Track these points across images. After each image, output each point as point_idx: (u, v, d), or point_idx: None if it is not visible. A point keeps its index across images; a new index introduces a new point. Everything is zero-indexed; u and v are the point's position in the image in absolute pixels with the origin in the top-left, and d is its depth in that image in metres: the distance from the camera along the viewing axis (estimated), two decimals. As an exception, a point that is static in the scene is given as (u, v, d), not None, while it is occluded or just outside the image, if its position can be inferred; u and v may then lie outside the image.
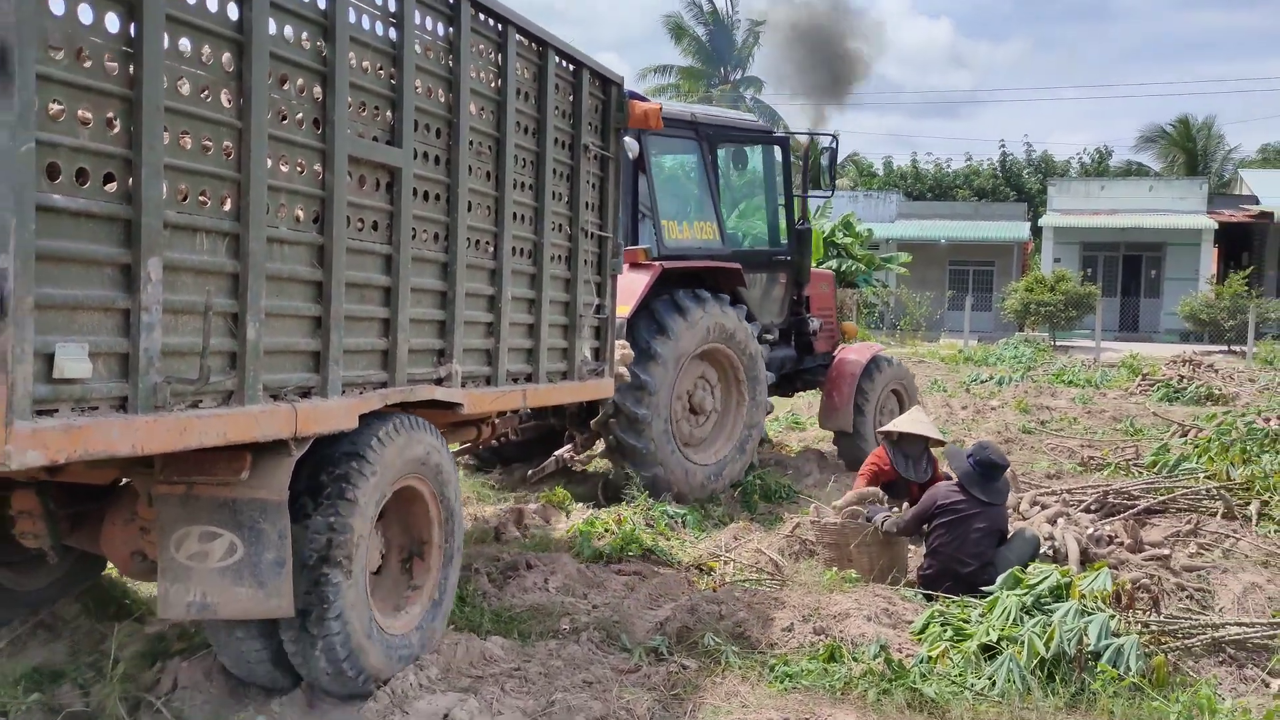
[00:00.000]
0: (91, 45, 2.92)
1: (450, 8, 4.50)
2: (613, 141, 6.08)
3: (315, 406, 3.79)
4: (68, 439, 2.87)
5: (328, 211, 3.83)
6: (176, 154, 3.20)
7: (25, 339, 2.73)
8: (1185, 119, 42.86)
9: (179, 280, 3.23)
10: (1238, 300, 27.40)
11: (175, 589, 3.70)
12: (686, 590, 5.72)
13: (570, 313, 5.74)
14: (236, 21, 3.36)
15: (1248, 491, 7.75)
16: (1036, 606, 4.80)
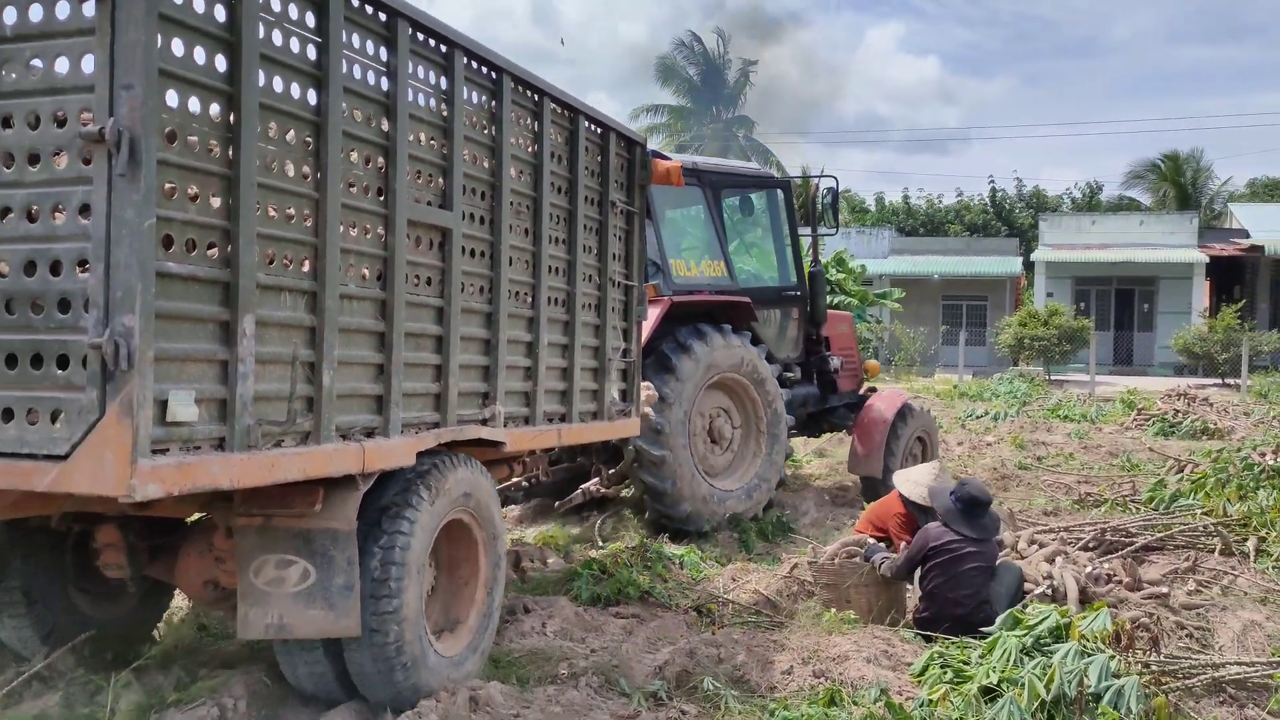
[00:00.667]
0: (199, 133, 3.38)
1: (493, 82, 4.99)
2: (637, 197, 6.56)
3: (379, 445, 4.23)
4: (179, 474, 3.29)
5: (389, 269, 4.28)
6: (266, 223, 3.64)
7: (146, 388, 3.15)
8: (1175, 154, 43.25)
9: (268, 334, 3.68)
10: (1230, 333, 27.54)
11: (254, 612, 4.08)
12: (685, 633, 5.71)
13: (600, 357, 6.19)
14: (315, 106, 3.83)
15: (1245, 528, 7.76)
16: (1036, 647, 4.78)
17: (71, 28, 3.22)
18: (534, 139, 5.41)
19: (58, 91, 3.25)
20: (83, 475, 3.17)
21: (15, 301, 3.29)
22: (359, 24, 4.08)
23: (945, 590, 5.69)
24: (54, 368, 3.25)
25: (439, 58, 4.59)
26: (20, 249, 3.29)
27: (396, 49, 4.26)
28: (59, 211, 3.26)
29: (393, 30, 4.25)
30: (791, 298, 9.73)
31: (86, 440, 3.16)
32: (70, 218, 3.23)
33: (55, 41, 3.25)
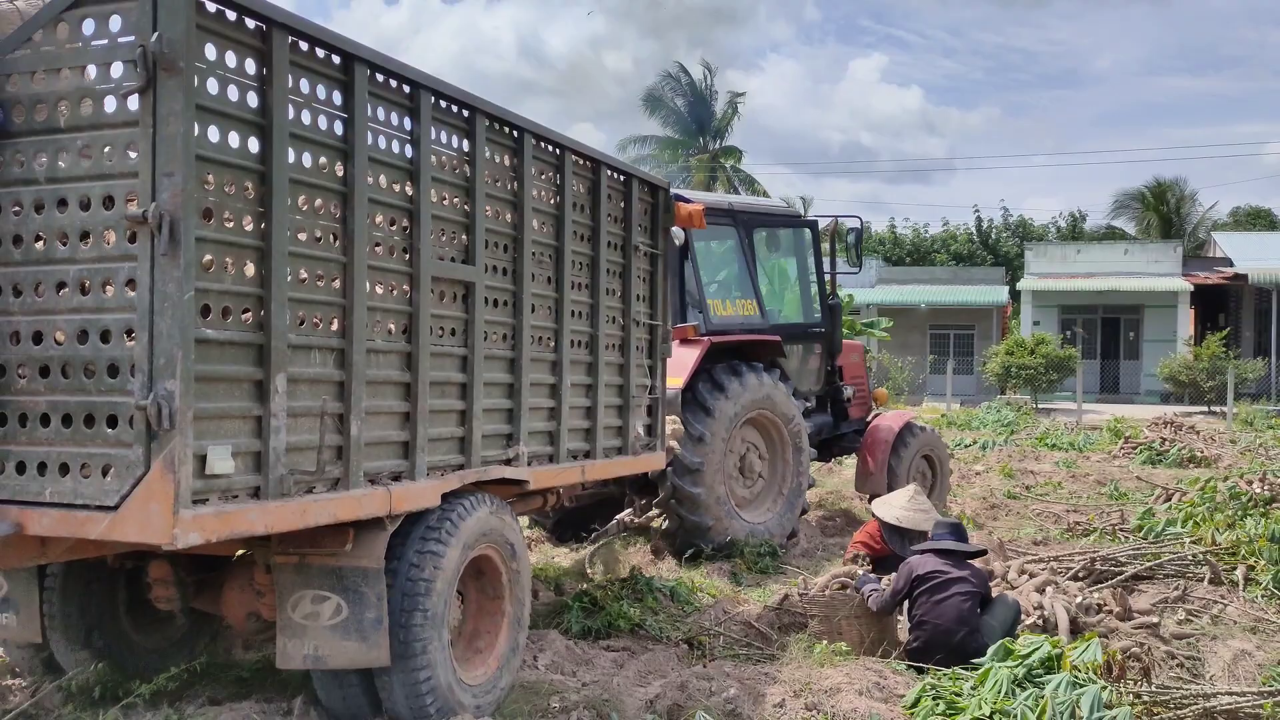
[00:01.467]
0: (234, 209, 3.69)
1: (515, 141, 5.27)
2: (661, 240, 6.83)
3: (406, 488, 4.50)
4: (219, 522, 3.60)
5: (414, 323, 4.57)
6: (296, 288, 3.95)
7: (187, 445, 3.45)
8: (1159, 182, 43.63)
9: (298, 389, 3.97)
10: (1216, 361, 27.76)
11: (292, 644, 4.38)
12: (676, 666, 5.70)
13: (624, 394, 6.44)
14: (342, 177, 4.15)
15: (1234, 556, 7.81)
16: (1028, 679, 4.79)
17: (118, 120, 3.54)
18: (556, 191, 5.66)
19: (106, 177, 3.56)
20: (131, 524, 3.46)
21: (70, 367, 3.61)
22: (383, 97, 4.37)
23: (934, 618, 5.69)
24: (105, 427, 3.55)
25: (461, 122, 4.88)
26: (74, 319, 3.61)
27: (419, 118, 4.54)
28: (108, 285, 3.57)
29: (415, 100, 4.53)
30: (815, 334, 10.07)
31: (134, 493, 3.45)
32: (118, 291, 3.54)
33: (104, 132, 3.57)
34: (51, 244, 3.67)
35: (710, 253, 9.42)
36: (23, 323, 3.69)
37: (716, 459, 8.22)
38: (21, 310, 3.69)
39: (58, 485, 3.59)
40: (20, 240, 3.71)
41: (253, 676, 5.29)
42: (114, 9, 3.52)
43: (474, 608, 5.18)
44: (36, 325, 3.67)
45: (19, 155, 3.71)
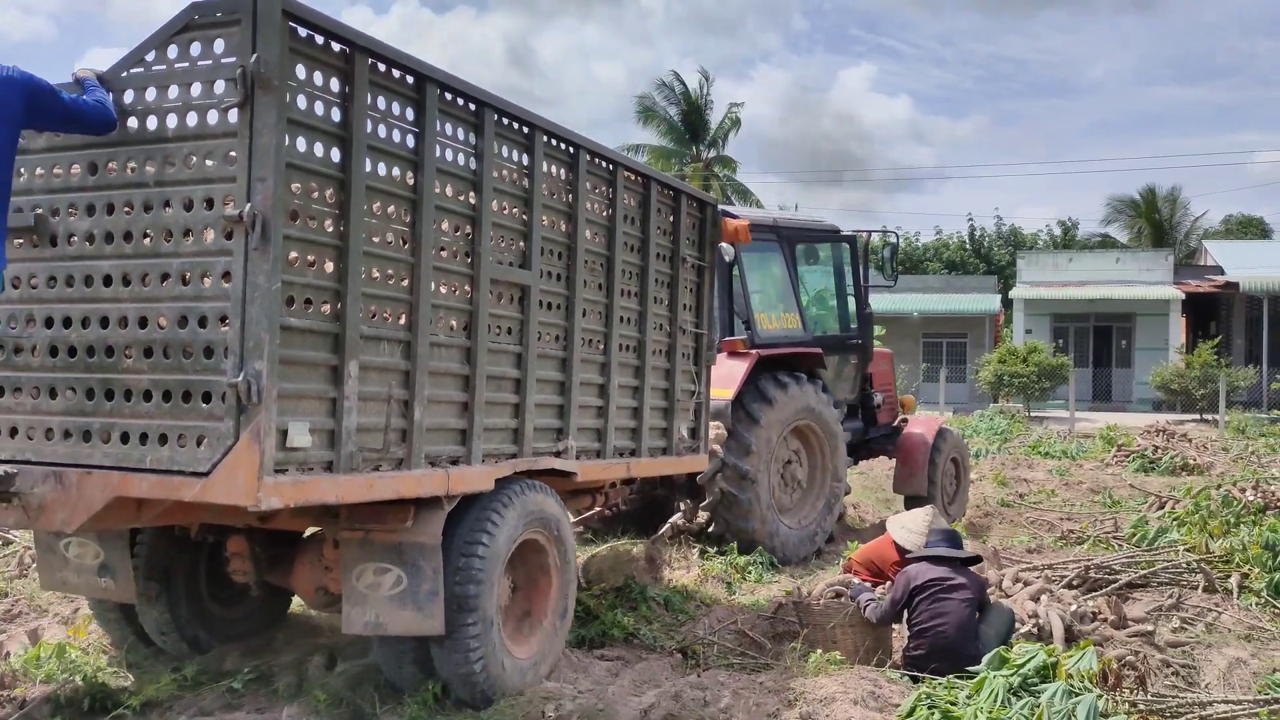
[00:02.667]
0: (316, 212, 4.12)
1: (570, 156, 5.67)
2: (708, 253, 7.20)
3: (462, 472, 4.89)
4: (295, 490, 4.02)
5: (474, 321, 4.97)
6: (369, 285, 4.35)
7: (271, 419, 3.87)
8: (1152, 190, 43.78)
9: (368, 376, 4.37)
10: (1208, 369, 27.83)
11: (356, 611, 4.75)
12: (670, 675, 5.67)
13: (669, 398, 6.81)
14: (412, 185, 4.56)
15: (1227, 564, 7.81)
16: (1024, 687, 4.77)
17: (219, 131, 3.97)
18: (608, 204, 6.05)
19: (207, 181, 4.00)
20: (220, 488, 3.88)
21: (171, 348, 4.05)
22: (451, 114, 4.78)
23: (936, 625, 5.66)
24: (200, 402, 3.98)
25: (521, 138, 5.28)
26: (176, 306, 4.05)
27: (483, 133, 4.95)
28: (206, 277, 4.00)
29: (480, 117, 4.94)
30: (852, 345, 10.48)
31: (224, 460, 3.87)
32: (215, 282, 3.97)
33: (206, 142, 4.01)
34: (158, 240, 4.11)
35: (755, 267, 9.73)
36: (131, 309, 4.13)
37: (763, 466, 8.59)
38: (130, 298, 4.14)
39: (157, 453, 4.02)
40: (130, 236, 4.16)
41: (244, 688, 5.25)
42: (218, 33, 3.96)
43: (523, 588, 5.52)
44: (143, 311, 4.11)
45: (130, 161, 4.17)
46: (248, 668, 5.51)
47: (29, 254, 4.35)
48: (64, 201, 4.30)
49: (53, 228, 4.30)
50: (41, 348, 4.29)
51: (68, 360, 4.24)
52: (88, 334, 4.21)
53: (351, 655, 5.62)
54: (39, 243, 4.32)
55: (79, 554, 5.14)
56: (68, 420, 4.21)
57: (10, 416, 4.32)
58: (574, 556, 5.78)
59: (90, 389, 4.18)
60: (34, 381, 4.29)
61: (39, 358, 4.30)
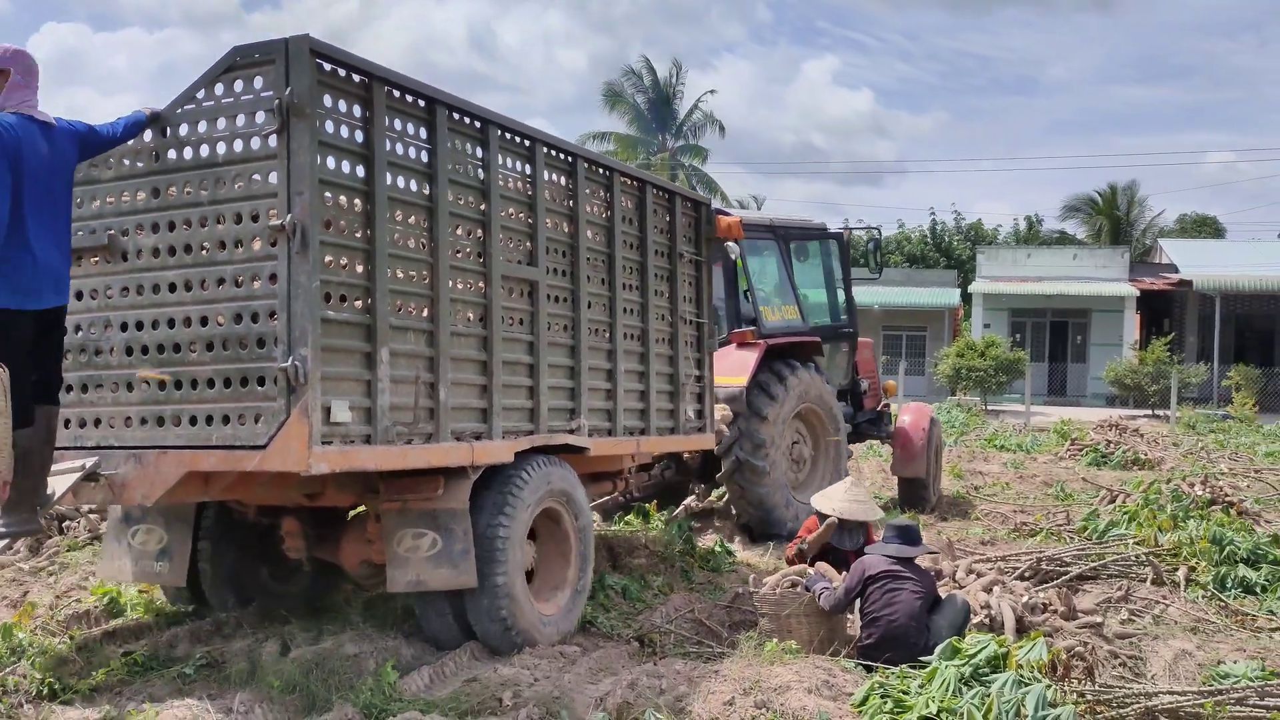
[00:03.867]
0: (347, 220, 4.78)
1: (569, 165, 6.30)
2: (704, 248, 7.86)
3: (485, 445, 5.54)
4: (340, 458, 4.69)
5: (489, 313, 5.62)
6: (394, 282, 4.99)
7: (317, 398, 4.52)
8: (1112, 187, 44.20)
9: (398, 361, 5.00)
10: (1160, 366, 28.19)
11: (399, 572, 5.37)
12: (627, 664, 5.66)
13: (674, 381, 7.45)
14: (428, 195, 5.21)
15: (1176, 557, 7.92)
16: (975, 677, 4.81)
17: (261, 154, 4.65)
18: (607, 206, 6.66)
19: (253, 198, 4.66)
20: (276, 458, 4.51)
21: (229, 341, 4.70)
22: (459, 131, 5.42)
23: (887, 614, 5.71)
24: (255, 385, 4.63)
25: (523, 150, 5.89)
26: (232, 305, 4.70)
27: (489, 147, 5.59)
28: (256, 279, 4.65)
29: (486, 133, 5.58)
30: (844, 334, 11.22)
31: (279, 434, 4.51)
32: (264, 283, 4.63)
33: (251, 164, 4.68)
34: (213, 250, 4.76)
35: (756, 264, 10.34)
36: (193, 310, 4.79)
37: (776, 440, 9.25)
38: (192, 301, 4.80)
39: (221, 431, 4.67)
40: (190, 248, 4.82)
41: (196, 673, 5.20)
42: (257, 71, 4.62)
43: (545, 553, 6.12)
44: (203, 311, 4.77)
45: (187, 185, 4.84)
46: (200, 653, 5.45)
47: (104, 269, 5.01)
48: (132, 222, 4.96)
49: (123, 245, 4.96)
50: (118, 349, 4.96)
51: (141, 358, 4.90)
52: (157, 334, 4.87)
53: (305, 642, 5.59)
54: (111, 259, 4.99)
55: (144, 541, 5.72)
56: (143, 409, 4.87)
57: (94, 409, 5.00)
58: (590, 525, 6.37)
59: (162, 381, 4.84)
60: (113, 378, 4.97)
61: (116, 357, 4.96)
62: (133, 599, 6.33)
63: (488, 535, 5.49)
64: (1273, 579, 7.35)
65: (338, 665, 5.20)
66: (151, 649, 5.56)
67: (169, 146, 4.91)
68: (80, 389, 5.05)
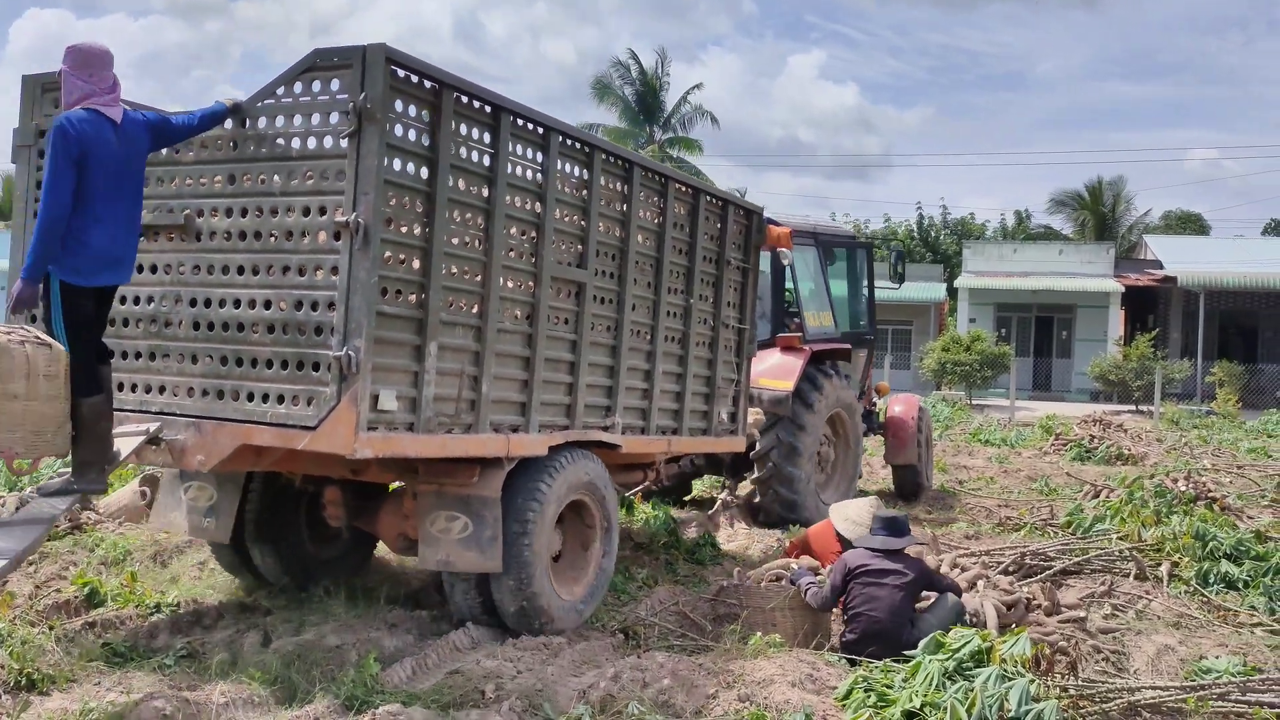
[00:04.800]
0: (407, 219, 5.00)
1: (625, 171, 6.45)
2: (753, 256, 8.04)
3: (521, 438, 5.75)
4: (384, 443, 4.95)
5: (535, 312, 5.82)
6: (448, 279, 5.21)
7: (366, 387, 4.77)
8: (1099, 182, 44.30)
9: (445, 355, 5.24)
10: (1144, 362, 28.28)
11: (429, 550, 5.62)
12: (611, 656, 5.64)
13: (710, 385, 7.65)
14: (486, 198, 5.42)
15: (1159, 552, 7.94)
16: (959, 671, 4.80)
17: (333, 153, 4.87)
18: (659, 212, 6.84)
19: (322, 194, 4.89)
20: (325, 439, 4.78)
21: (289, 327, 4.95)
22: (520, 136, 5.59)
23: (869, 610, 5.70)
24: (310, 370, 4.87)
25: (581, 156, 6.07)
26: (294, 293, 4.95)
27: (548, 152, 5.75)
28: (319, 270, 4.91)
29: (546, 139, 5.74)
30: (866, 340, 11.53)
31: (328, 417, 4.76)
32: (325, 275, 4.88)
33: (322, 162, 4.91)
34: (280, 239, 5.01)
35: (800, 270, 10.53)
36: (258, 294, 5.03)
37: (810, 447, 9.52)
38: (258, 285, 5.04)
39: (275, 409, 4.92)
40: (260, 235, 5.06)
41: (176, 664, 5.16)
42: (334, 74, 4.85)
43: (571, 541, 6.35)
44: (268, 295, 5.01)
45: (261, 174, 5.07)
46: (180, 643, 5.41)
47: (178, 246, 5.27)
48: (208, 205, 5.20)
49: (198, 226, 5.21)
50: (186, 322, 5.22)
51: (206, 333, 5.16)
52: (223, 312, 5.12)
53: (286, 633, 5.55)
54: (186, 237, 5.24)
55: (195, 497, 6.03)
56: (205, 381, 5.14)
57: (160, 377, 5.27)
58: (616, 518, 6.62)
59: (224, 357, 5.10)
60: (179, 349, 5.23)
61: (184, 330, 5.23)
62: (113, 589, 6.28)
63: (517, 521, 5.69)
64: (1255, 575, 7.38)
65: (319, 657, 5.18)
66: (131, 639, 5.51)
67: (247, 137, 5.14)
68: (149, 357, 5.31)
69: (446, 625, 5.94)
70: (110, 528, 7.59)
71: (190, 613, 6.05)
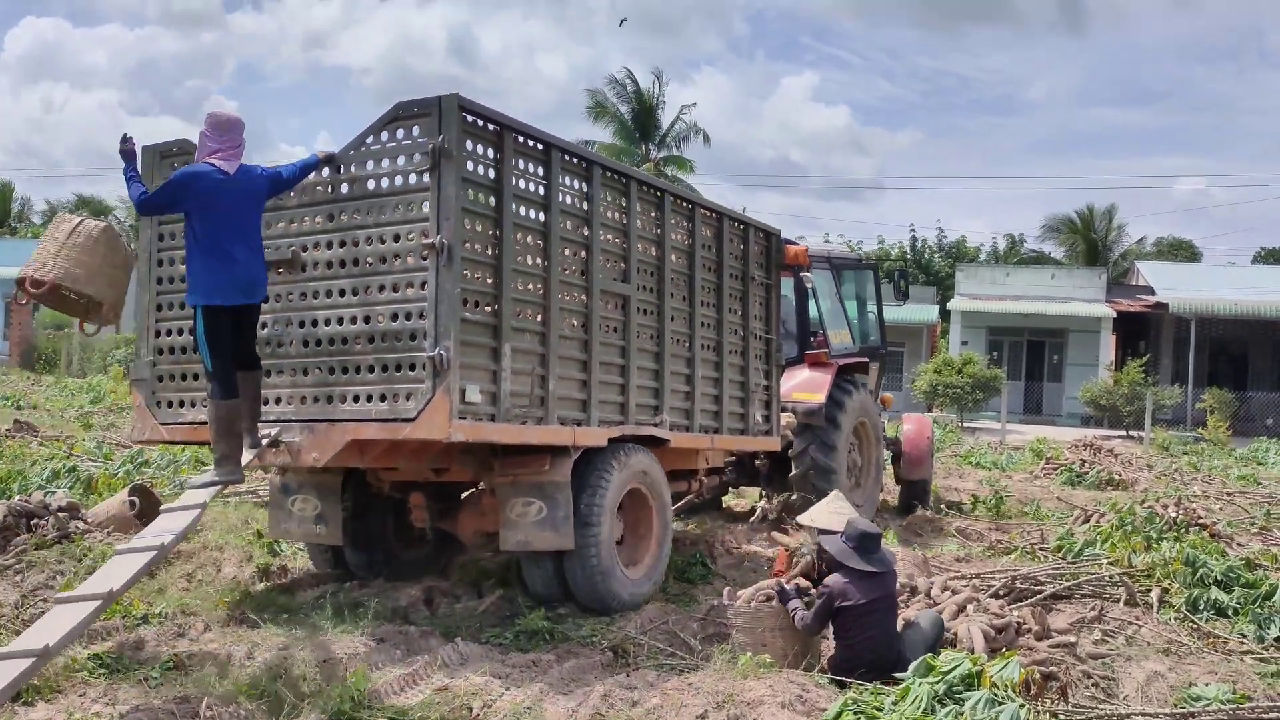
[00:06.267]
0: (480, 241, 5.93)
1: (658, 198, 7.43)
2: (774, 273, 9.06)
3: (584, 430, 6.63)
4: (472, 429, 5.82)
5: (589, 321, 6.71)
6: (516, 292, 6.12)
7: (455, 382, 5.65)
8: (1090, 209, 44.48)
9: (517, 356, 6.13)
10: (1135, 387, 28.33)
11: (509, 533, 6.50)
12: (600, 674, 5.60)
13: (745, 389, 8.60)
14: (544, 223, 6.36)
15: (1149, 578, 7.92)
16: (949, 695, 4.78)
17: (417, 187, 5.81)
18: (689, 234, 7.77)
19: (410, 222, 5.81)
20: (423, 428, 5.65)
21: (387, 335, 5.84)
22: (570, 170, 6.54)
23: (856, 635, 5.68)
24: (408, 370, 5.76)
25: (620, 186, 7.02)
26: (390, 307, 5.85)
27: (593, 183, 6.71)
28: (410, 286, 5.80)
29: (590, 172, 6.71)
30: (878, 354, 12.26)
31: (426, 409, 5.64)
32: (416, 289, 5.77)
33: (409, 195, 5.85)
34: (375, 263, 5.91)
35: (820, 293, 11.24)
36: (359, 311, 5.93)
37: (843, 449, 10.19)
38: (358, 304, 5.94)
39: (378, 407, 5.81)
40: (358, 261, 5.97)
41: (162, 676, 5.12)
42: (415, 121, 5.79)
43: (631, 527, 7.18)
44: (366, 312, 5.92)
45: (357, 211, 6.00)
46: (166, 655, 5.38)
47: (286, 278, 6.17)
48: (310, 240, 6.13)
49: (303, 259, 6.12)
50: (296, 342, 6.12)
51: (314, 349, 6.06)
52: (328, 330, 6.02)
53: (273, 646, 5.52)
54: (293, 270, 6.14)
55: (302, 508, 6.91)
56: (315, 389, 6.04)
57: (275, 390, 6.15)
58: (669, 505, 7.46)
59: (331, 367, 6.01)
60: (291, 365, 6.13)
61: (294, 348, 6.12)
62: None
63: (585, 506, 6.49)
64: (1245, 602, 7.35)
65: (307, 670, 5.14)
66: (117, 650, 5.48)
67: (342, 181, 6.07)
68: (265, 374, 6.14)
69: (435, 641, 5.92)
70: (99, 537, 7.56)
71: (177, 624, 6.02)
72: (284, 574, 7.42)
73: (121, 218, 46.64)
